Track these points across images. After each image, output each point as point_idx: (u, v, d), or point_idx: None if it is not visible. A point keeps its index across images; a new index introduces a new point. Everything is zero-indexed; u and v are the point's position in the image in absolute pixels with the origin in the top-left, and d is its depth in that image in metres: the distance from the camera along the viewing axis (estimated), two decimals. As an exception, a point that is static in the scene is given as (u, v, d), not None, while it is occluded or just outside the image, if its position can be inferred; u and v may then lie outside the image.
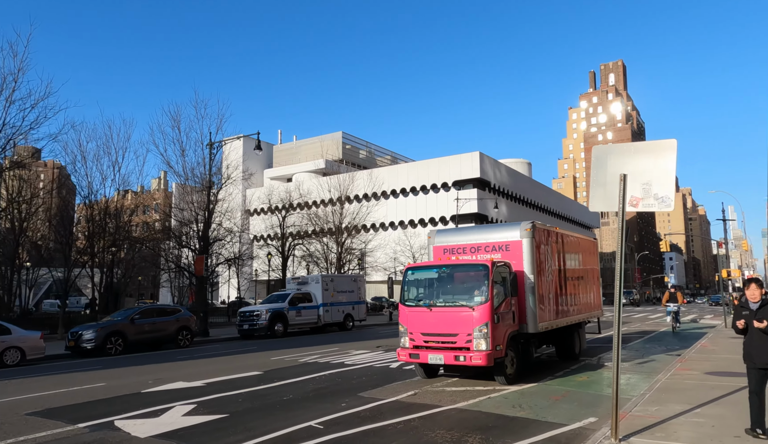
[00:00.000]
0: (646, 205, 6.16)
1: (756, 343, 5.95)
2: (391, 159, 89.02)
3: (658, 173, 6.12)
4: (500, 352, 9.73)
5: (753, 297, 5.99)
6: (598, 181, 6.49)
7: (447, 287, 10.38)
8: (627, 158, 6.34)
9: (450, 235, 12.10)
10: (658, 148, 6.19)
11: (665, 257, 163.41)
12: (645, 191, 6.17)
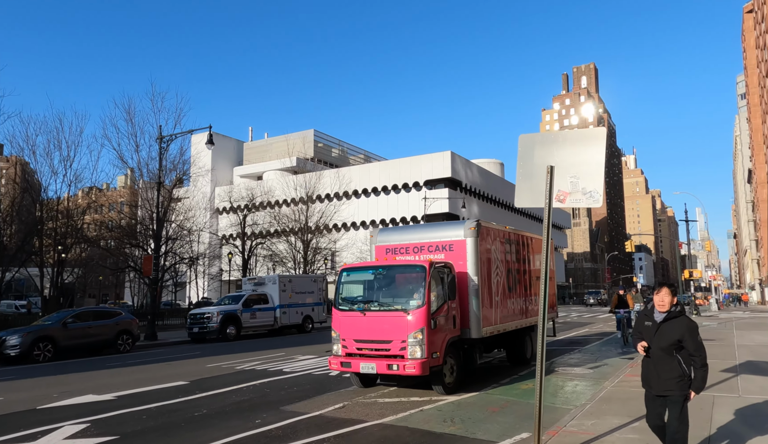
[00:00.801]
0: (574, 200, 5.53)
1: (657, 363, 4.65)
2: (364, 158, 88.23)
3: (586, 165, 5.50)
4: (438, 360, 9.05)
5: (661, 305, 4.72)
6: (525, 173, 5.84)
7: (382, 290, 9.66)
8: (555, 148, 5.70)
9: (393, 234, 11.39)
10: (586, 137, 5.57)
11: (635, 258, 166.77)
12: (573, 185, 5.54)
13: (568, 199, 5.56)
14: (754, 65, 63.31)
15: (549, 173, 5.55)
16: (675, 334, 4.56)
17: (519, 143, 5.91)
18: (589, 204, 5.44)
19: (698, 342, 4.46)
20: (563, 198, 5.58)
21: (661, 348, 4.62)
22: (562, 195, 5.58)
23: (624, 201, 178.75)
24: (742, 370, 10.54)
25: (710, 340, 16.49)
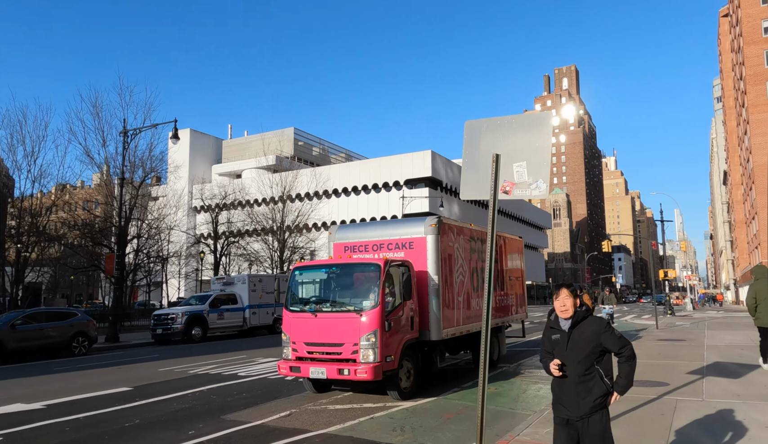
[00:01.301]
0: (520, 192, 5.07)
1: (575, 383, 3.72)
2: (345, 157, 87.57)
3: (532, 154, 5.05)
4: (392, 364, 8.55)
5: (564, 310, 3.81)
6: (471, 163, 5.37)
7: (335, 290, 9.14)
8: (501, 135, 5.24)
9: (352, 231, 10.87)
10: (533, 123, 5.12)
11: (614, 258, 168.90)
12: (519, 175, 5.08)
13: (514, 190, 5.10)
14: (730, 69, 64.28)
15: (495, 162, 5.08)
16: (590, 339, 3.74)
17: (465, 130, 5.44)
18: (535, 195, 4.99)
19: (617, 335, 3.77)
20: (509, 189, 5.12)
21: (579, 361, 3.74)
22: (508, 186, 5.12)
23: (604, 202, 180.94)
24: (709, 372, 10.26)
25: (681, 341, 16.32)
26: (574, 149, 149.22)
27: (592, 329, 3.78)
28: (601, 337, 3.75)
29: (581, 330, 3.80)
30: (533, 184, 5.01)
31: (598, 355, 3.77)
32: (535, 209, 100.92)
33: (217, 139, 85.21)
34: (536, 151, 5.05)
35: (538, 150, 5.04)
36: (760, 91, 43.56)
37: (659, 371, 10.57)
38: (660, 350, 14.05)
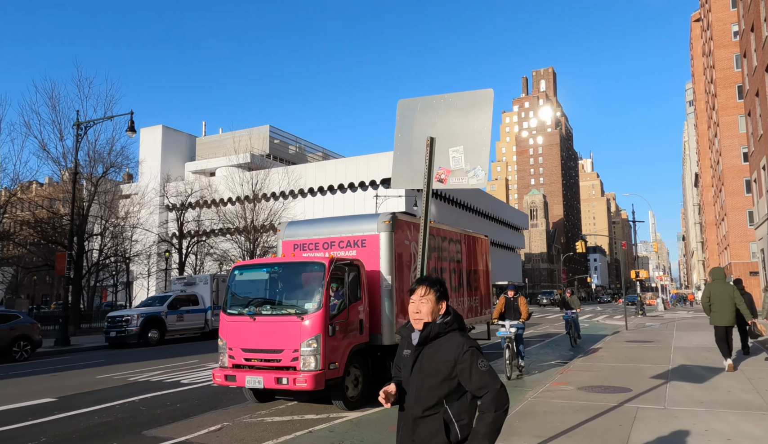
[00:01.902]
0: (456, 181, 4.47)
1: (414, 420, 2.64)
2: (322, 155, 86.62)
3: (470, 137, 4.44)
4: (337, 371, 7.89)
5: (417, 316, 2.73)
6: (403, 147, 4.74)
7: (277, 291, 8.45)
8: (437, 116, 4.62)
9: (303, 228, 10.17)
10: (471, 102, 4.51)
11: (590, 258, 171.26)
12: (455, 161, 4.47)
13: (449, 178, 4.49)
14: (701, 72, 65.38)
15: (429, 146, 4.46)
16: (441, 365, 2.59)
17: (397, 110, 4.80)
18: (473, 185, 4.39)
19: (483, 371, 2.55)
20: (444, 177, 4.50)
21: (420, 393, 2.61)
22: (443, 173, 4.50)
23: (580, 203, 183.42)
24: (674, 376, 9.86)
25: (648, 342, 16.04)
26: (551, 151, 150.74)
27: (449, 351, 2.59)
28: (458, 366, 2.56)
29: (434, 350, 2.63)
30: (471, 172, 4.40)
31: (452, 391, 2.59)
32: (514, 211, 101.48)
33: (190, 137, 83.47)
34: (475, 134, 4.45)
35: (476, 133, 4.44)
36: (729, 94, 44.17)
37: (623, 376, 10.13)
38: (627, 352, 13.68)
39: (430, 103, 4.68)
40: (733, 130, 44.05)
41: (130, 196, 48.51)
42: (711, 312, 10.51)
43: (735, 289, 10.55)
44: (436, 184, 4.52)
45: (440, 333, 2.67)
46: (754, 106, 27.26)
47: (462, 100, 4.54)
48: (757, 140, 27.50)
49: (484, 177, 4.34)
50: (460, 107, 4.52)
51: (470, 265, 12.98)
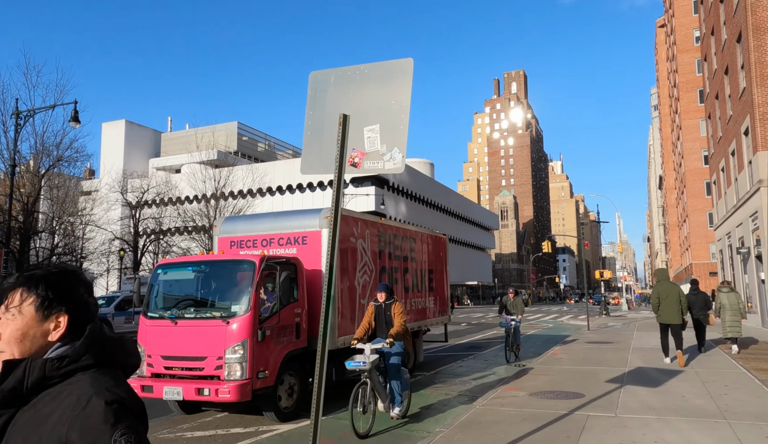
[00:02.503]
0: (371, 165, 3.86)
1: None
2: (293, 153, 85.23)
3: (387, 114, 3.84)
4: (268, 380, 7.20)
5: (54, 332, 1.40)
6: (315, 126, 4.11)
7: (203, 292, 7.70)
8: (352, 90, 4.00)
9: (240, 224, 9.44)
10: (388, 73, 3.90)
11: (559, 259, 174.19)
12: (370, 143, 3.87)
13: (363, 162, 3.88)
14: (665, 77, 66.91)
15: (341, 125, 3.84)
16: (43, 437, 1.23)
17: (309, 84, 4.17)
18: (389, 169, 3.79)
19: None
20: (358, 161, 3.89)
21: None
22: (357, 156, 3.89)
23: (550, 204, 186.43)
24: (629, 380, 9.52)
25: (608, 343, 15.84)
26: (521, 152, 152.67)
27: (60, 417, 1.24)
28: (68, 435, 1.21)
29: (32, 417, 1.27)
30: (387, 154, 3.80)
31: None
32: (485, 211, 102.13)
33: (155, 132, 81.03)
34: (393, 110, 3.84)
35: (394, 109, 3.84)
36: (691, 98, 45.14)
37: (578, 380, 9.74)
38: (585, 354, 13.39)
39: (344, 75, 4.06)
40: (694, 133, 45.03)
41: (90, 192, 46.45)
42: (658, 311, 11.13)
43: (680, 288, 11.13)
44: (349, 170, 3.91)
45: (49, 379, 1.29)
46: (714, 108, 27.68)
47: (379, 72, 3.93)
48: (716, 142, 27.93)
49: (402, 160, 3.75)
50: (378, 79, 3.92)
51: (427, 264, 12.44)
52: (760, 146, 18.86)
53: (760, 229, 19.35)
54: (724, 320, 12.68)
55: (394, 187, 62.58)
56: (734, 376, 9.57)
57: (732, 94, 23.02)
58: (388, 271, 10.51)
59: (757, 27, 19.15)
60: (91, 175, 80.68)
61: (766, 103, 18.83)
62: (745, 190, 21.41)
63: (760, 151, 18.84)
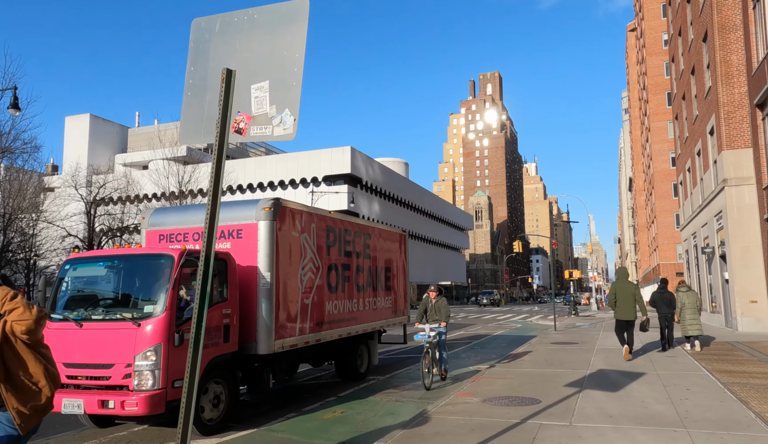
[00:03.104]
0: (259, 131, 3.15)
1: None
2: (265, 151, 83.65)
3: (278, 67, 3.14)
4: (187, 389, 6.39)
5: None
6: (196, 86, 3.37)
7: (114, 290, 6.86)
8: (239, 39, 3.29)
9: (171, 216, 8.60)
10: (282, 17, 3.21)
11: (532, 259, 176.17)
12: (258, 103, 3.15)
13: (250, 128, 3.16)
14: (635, 80, 67.95)
15: (224, 81, 3.12)
16: None
17: (191, 34, 3.42)
18: (279, 136, 3.09)
19: None
20: (244, 126, 3.17)
21: None
22: (243, 120, 3.17)
23: (524, 205, 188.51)
24: (589, 384, 9.02)
25: (573, 344, 15.45)
26: (496, 153, 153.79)
27: None
28: None
29: None
30: (277, 118, 3.09)
31: None
32: (459, 211, 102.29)
33: (122, 127, 78.56)
34: (284, 64, 3.14)
35: (286, 63, 3.14)
36: (660, 100, 45.73)
37: (537, 384, 9.20)
38: (548, 356, 12.91)
39: (231, 22, 3.33)
40: (662, 135, 45.62)
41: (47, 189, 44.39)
42: (615, 307, 11.86)
43: (637, 287, 11.89)
44: (234, 137, 3.19)
45: None
46: (681, 109, 27.82)
47: (270, 16, 3.22)
48: (683, 143, 28.08)
49: (293, 125, 3.05)
50: (268, 26, 3.21)
51: (383, 262, 11.76)
52: (725, 145, 18.81)
53: (724, 228, 19.33)
54: (684, 319, 13.00)
55: (367, 186, 61.91)
56: (697, 379, 9.17)
57: (698, 94, 23.06)
58: (338, 268, 9.80)
59: (722, 25, 19.11)
60: (54, 170, 77.74)
61: (731, 102, 18.80)
62: (710, 190, 21.42)
63: (725, 150, 18.80)
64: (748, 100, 18.23)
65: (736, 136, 18.70)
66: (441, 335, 9.94)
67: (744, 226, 18.15)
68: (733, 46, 18.90)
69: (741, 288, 17.99)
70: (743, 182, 18.35)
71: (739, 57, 18.77)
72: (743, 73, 18.64)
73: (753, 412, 6.69)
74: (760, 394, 7.76)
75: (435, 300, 10.15)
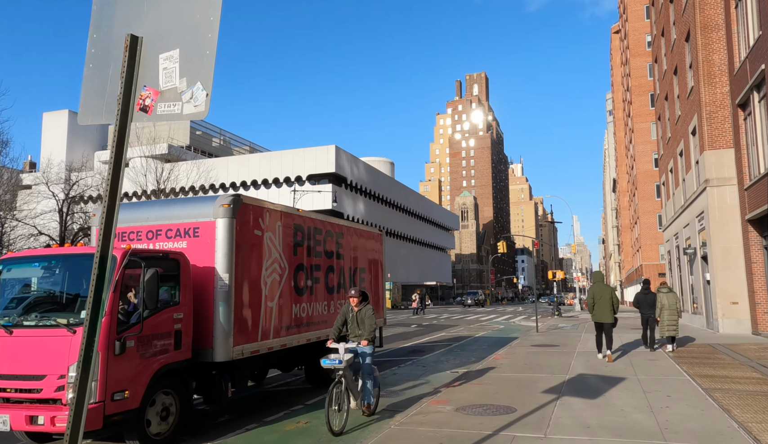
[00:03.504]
0: (167, 108, 2.66)
1: None
2: (249, 149, 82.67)
3: (190, 33, 2.65)
4: (129, 402, 5.85)
5: None
6: (99, 56, 2.86)
7: (50, 294, 6.29)
8: (147, 3, 2.78)
9: (123, 213, 7.97)
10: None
11: (518, 260, 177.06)
12: (167, 76, 2.66)
13: (157, 105, 2.66)
14: (620, 82, 68.35)
15: (128, 50, 2.62)
16: None
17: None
18: (190, 114, 2.61)
19: None
20: (150, 103, 2.68)
21: None
22: (149, 96, 2.67)
23: (510, 206, 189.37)
24: (567, 390, 8.64)
25: (554, 346, 15.12)
26: (482, 153, 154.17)
27: None
28: None
29: None
30: (187, 92, 2.60)
31: None
32: (444, 210, 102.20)
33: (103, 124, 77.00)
34: (197, 29, 2.65)
35: (200, 26, 2.65)
36: (643, 102, 45.93)
37: (514, 390, 8.80)
38: (528, 359, 12.55)
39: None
40: (645, 136, 45.81)
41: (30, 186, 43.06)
42: (593, 310, 11.93)
43: (613, 289, 12.00)
44: (138, 116, 2.69)
45: None
46: (664, 110, 27.78)
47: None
48: (666, 143, 28.05)
49: (206, 101, 2.56)
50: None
51: (356, 262, 11.28)
52: (707, 145, 18.68)
53: (706, 229, 19.20)
54: (663, 320, 13.17)
55: (352, 186, 61.37)
56: (677, 385, 8.85)
57: (681, 94, 22.97)
58: (307, 269, 9.30)
59: (704, 25, 18.97)
60: (32, 167, 75.92)
61: (713, 102, 18.67)
62: (692, 191, 21.32)
63: (707, 150, 18.67)
64: (730, 100, 18.12)
65: (718, 136, 18.58)
66: (365, 357, 7.34)
67: (725, 227, 18.03)
68: (716, 46, 18.79)
69: (722, 289, 17.86)
70: (725, 183, 18.23)
71: (722, 56, 18.66)
72: (725, 73, 18.53)
73: (736, 422, 6.35)
74: (743, 402, 7.45)
75: (357, 308, 7.50)
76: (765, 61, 14.31)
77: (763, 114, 15.33)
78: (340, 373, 6.95)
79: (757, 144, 15.77)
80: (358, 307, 7.55)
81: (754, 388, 8.45)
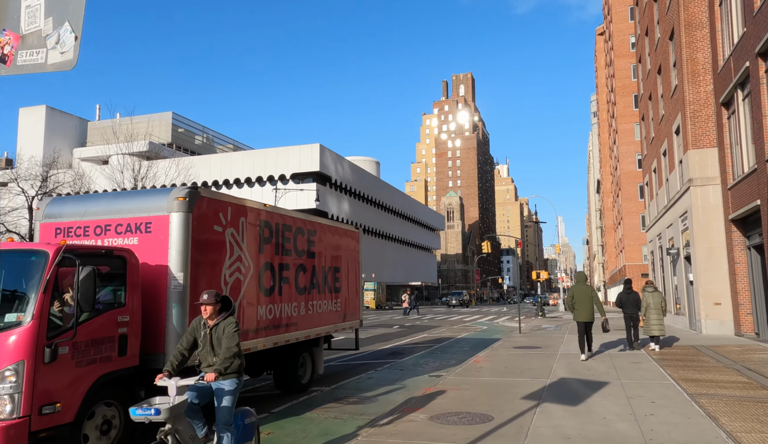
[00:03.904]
0: (29, 57, 2.10)
1: None
2: (233, 147, 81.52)
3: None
4: (62, 416, 5.24)
5: None
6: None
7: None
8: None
9: (70, 206, 7.38)
10: None
11: (503, 260, 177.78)
12: (30, 18, 2.10)
13: (17, 54, 2.11)
14: (604, 83, 68.71)
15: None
16: None
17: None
18: (55, 64, 2.05)
19: None
20: (9, 52, 2.12)
21: None
22: (8, 42, 2.12)
23: (495, 207, 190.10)
24: (548, 396, 8.20)
25: (536, 348, 14.74)
26: (468, 154, 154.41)
27: None
28: None
29: None
30: (53, 36, 2.05)
31: None
32: (430, 212, 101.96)
33: (81, 121, 75.29)
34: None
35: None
36: (627, 102, 46.06)
37: (492, 396, 8.35)
38: (508, 362, 12.12)
39: None
40: (629, 137, 45.94)
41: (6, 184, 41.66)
42: (574, 310, 12.09)
43: (593, 289, 12.19)
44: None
45: None
46: (647, 110, 27.69)
47: None
48: (649, 143, 27.96)
49: (74, 47, 2.03)
50: None
51: (331, 261, 10.74)
52: (691, 144, 18.49)
53: (689, 229, 19.01)
54: (648, 319, 13.23)
55: (336, 185, 60.75)
56: (662, 390, 8.47)
57: (664, 94, 22.83)
58: (274, 268, 8.73)
59: (689, 23, 18.79)
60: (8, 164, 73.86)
61: (696, 101, 18.48)
62: (675, 190, 21.16)
63: (690, 149, 18.47)
64: (713, 98, 17.94)
65: (701, 135, 18.40)
66: (221, 397, 4.84)
67: (709, 227, 17.84)
68: (700, 44, 18.61)
69: (705, 290, 17.66)
70: (708, 182, 18.05)
71: (705, 55, 18.48)
72: (709, 72, 18.36)
73: (724, 432, 5.95)
74: (730, 408, 7.07)
75: (212, 322, 4.99)
76: (749, 58, 14.09)
77: (747, 112, 15.13)
78: (165, 430, 4.49)
79: (741, 143, 15.57)
80: (214, 319, 4.94)
81: (740, 393, 8.10)
